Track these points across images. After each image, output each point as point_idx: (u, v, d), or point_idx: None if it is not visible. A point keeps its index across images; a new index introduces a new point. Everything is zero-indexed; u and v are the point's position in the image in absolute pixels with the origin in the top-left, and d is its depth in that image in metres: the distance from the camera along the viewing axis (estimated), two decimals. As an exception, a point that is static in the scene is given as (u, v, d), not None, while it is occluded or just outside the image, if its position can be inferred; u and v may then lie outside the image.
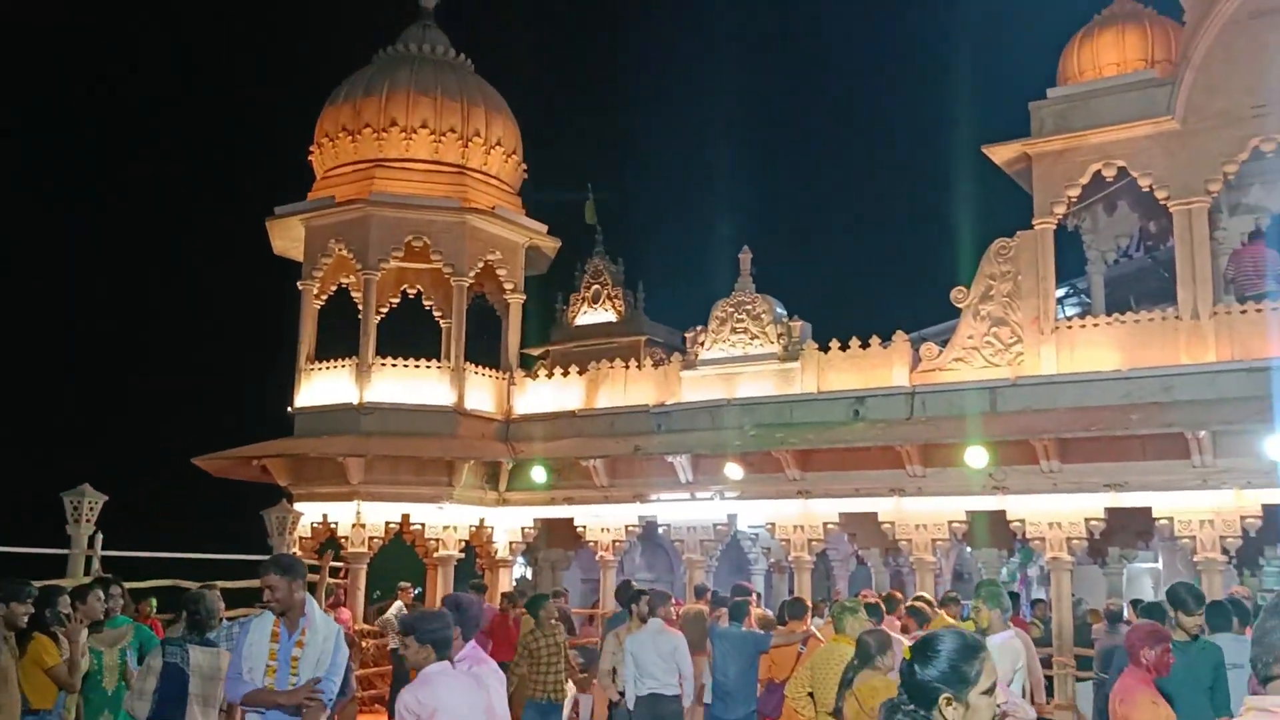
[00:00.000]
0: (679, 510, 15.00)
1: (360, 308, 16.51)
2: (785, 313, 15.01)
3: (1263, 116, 12.08)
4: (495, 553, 16.43)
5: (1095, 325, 12.96)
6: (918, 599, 10.25)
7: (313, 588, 15.63)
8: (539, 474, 15.53)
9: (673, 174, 40.22)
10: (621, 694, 9.78)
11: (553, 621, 10.01)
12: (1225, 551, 11.86)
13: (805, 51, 41.22)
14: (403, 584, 14.99)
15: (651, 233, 32.70)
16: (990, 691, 2.78)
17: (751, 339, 14.93)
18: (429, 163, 16.66)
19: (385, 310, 17.63)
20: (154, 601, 11.50)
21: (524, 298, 17.29)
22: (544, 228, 17.44)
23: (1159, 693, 5.30)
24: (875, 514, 13.59)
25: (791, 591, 13.71)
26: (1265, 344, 11.66)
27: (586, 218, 19.57)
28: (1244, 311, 12.10)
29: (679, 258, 30.20)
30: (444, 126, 16.67)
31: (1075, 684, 12.41)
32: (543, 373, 16.72)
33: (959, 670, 2.79)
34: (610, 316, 18.01)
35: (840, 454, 13.70)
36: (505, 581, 16.20)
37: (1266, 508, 11.56)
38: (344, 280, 17.38)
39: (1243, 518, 11.62)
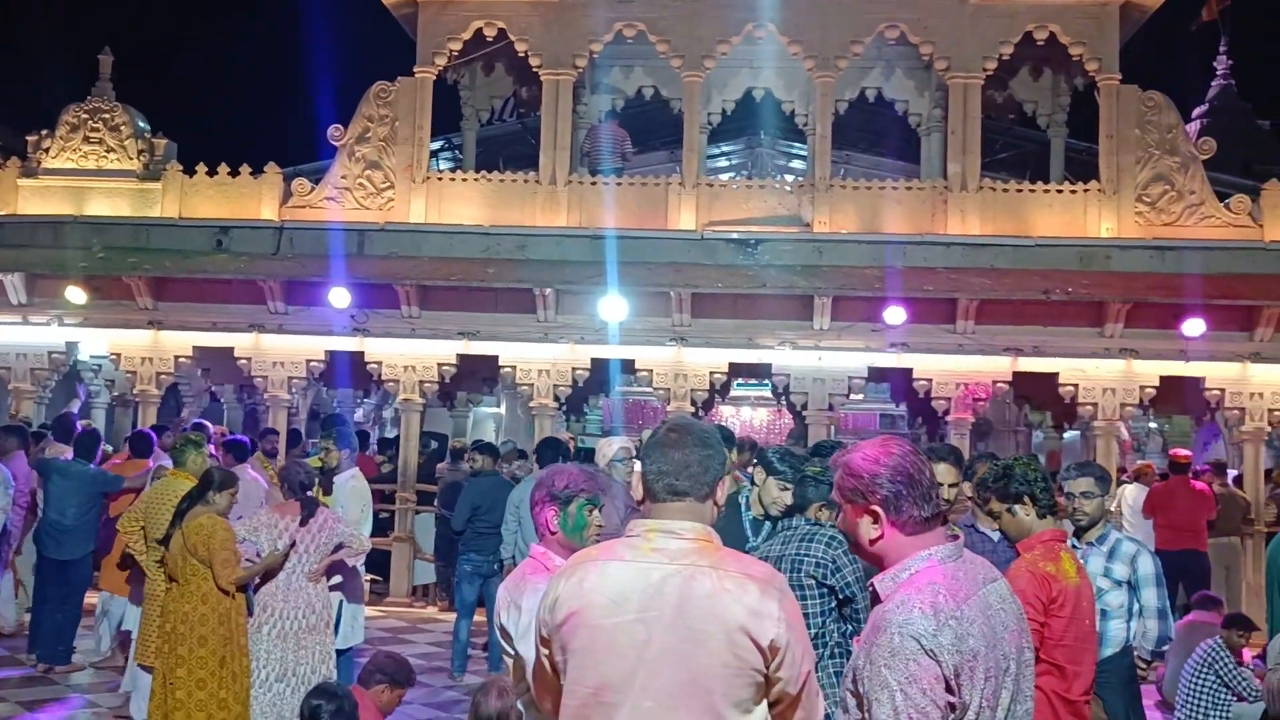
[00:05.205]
0: (8, 334, 13.43)
1: None
2: (148, 127, 13.81)
3: (627, 3, 13.11)
4: None
5: (464, 180, 13.47)
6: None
7: None
8: None
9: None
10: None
11: None
12: (557, 399, 13.15)
13: None
14: None
15: (-6, 18, 28.04)
16: None
17: (107, 152, 13.57)
18: None
19: None
20: None
21: None
22: None
23: None
24: (232, 349, 13.19)
25: (135, 426, 12.93)
26: (606, 214, 12.88)
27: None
28: (594, 183, 13.24)
29: (26, 51, 26.33)
30: None
31: (415, 517, 13.15)
32: None
33: None
34: (-68, 106, 15.38)
35: (199, 285, 13.08)
36: None
37: (595, 361, 12.94)
38: None
39: (574, 369, 12.90)
